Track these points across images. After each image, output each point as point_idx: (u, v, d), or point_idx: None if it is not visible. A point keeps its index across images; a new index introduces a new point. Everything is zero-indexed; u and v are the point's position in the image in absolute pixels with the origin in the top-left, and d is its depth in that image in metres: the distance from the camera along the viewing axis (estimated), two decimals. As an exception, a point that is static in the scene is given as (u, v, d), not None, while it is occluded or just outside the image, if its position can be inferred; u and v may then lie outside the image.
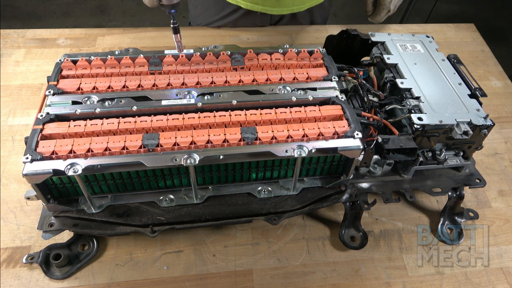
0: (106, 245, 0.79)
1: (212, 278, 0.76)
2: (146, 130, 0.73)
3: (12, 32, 1.20)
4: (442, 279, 0.79)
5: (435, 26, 1.39)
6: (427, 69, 0.89)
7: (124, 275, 0.75)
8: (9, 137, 0.95)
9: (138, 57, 0.85)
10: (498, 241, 0.86)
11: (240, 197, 0.80)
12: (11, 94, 1.04)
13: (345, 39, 0.98)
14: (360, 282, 0.78)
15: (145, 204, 0.77)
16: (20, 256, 0.76)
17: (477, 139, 0.82)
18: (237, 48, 0.89)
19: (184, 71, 0.84)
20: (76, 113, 0.74)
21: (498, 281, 0.80)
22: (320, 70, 0.86)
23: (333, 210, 0.87)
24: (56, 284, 0.74)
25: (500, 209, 0.91)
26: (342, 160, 0.79)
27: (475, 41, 1.34)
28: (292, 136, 0.73)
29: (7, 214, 0.82)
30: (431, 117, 0.77)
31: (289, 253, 0.80)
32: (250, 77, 0.83)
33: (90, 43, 1.19)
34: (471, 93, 0.84)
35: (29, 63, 1.12)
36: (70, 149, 0.68)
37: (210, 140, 0.71)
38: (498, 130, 1.07)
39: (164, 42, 1.21)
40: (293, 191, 0.80)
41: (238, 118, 0.75)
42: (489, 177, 0.95)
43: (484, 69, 1.24)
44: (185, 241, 0.81)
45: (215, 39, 1.23)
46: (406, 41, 0.96)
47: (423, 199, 0.91)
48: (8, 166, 0.89)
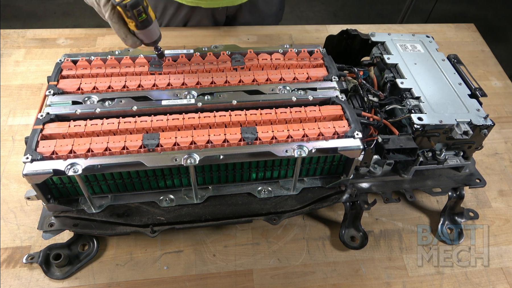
0: (106, 245, 0.79)
1: (212, 278, 0.76)
2: (146, 130, 0.73)
3: (12, 32, 1.20)
4: (442, 279, 0.79)
5: (435, 26, 1.39)
6: (427, 69, 0.89)
7: (124, 275, 0.76)
8: (9, 137, 0.95)
9: (138, 57, 0.85)
10: (498, 241, 0.86)
11: (240, 197, 0.80)
12: (11, 94, 1.04)
13: (345, 39, 0.98)
14: (360, 282, 0.78)
15: (145, 204, 0.77)
16: (20, 256, 0.76)
17: (477, 139, 0.82)
18: (237, 48, 0.89)
19: (184, 71, 0.84)
20: (76, 113, 0.74)
21: (498, 281, 0.80)
22: (320, 70, 0.86)
23: (333, 210, 0.87)
24: (56, 284, 0.74)
25: (500, 209, 0.91)
26: (342, 160, 0.79)
27: (475, 41, 1.34)
28: (292, 136, 0.73)
29: (7, 214, 0.82)
30: (431, 117, 0.77)
31: (289, 253, 0.80)
32: (250, 77, 0.83)
33: (90, 43, 1.19)
34: (471, 93, 0.84)
35: (29, 63, 1.12)
36: (70, 149, 0.68)
37: (210, 140, 0.71)
38: (498, 130, 1.07)
39: (164, 42, 1.19)
40: (293, 191, 0.80)
41: (238, 118, 0.75)
42: (489, 177, 0.95)
43: (484, 69, 1.24)
44: (185, 241, 0.81)
45: (215, 39, 1.23)
46: (406, 41, 0.96)
47: (423, 199, 0.91)
48: (8, 166, 0.89)
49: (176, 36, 1.23)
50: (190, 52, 0.87)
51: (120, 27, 0.71)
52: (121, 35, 0.73)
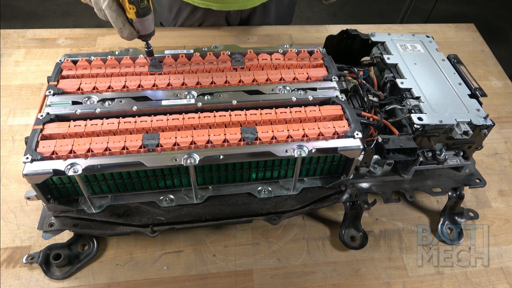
0: (106, 245, 0.79)
1: (212, 278, 0.76)
2: (146, 130, 0.73)
3: (12, 32, 1.20)
4: (442, 279, 0.79)
5: (435, 26, 1.39)
6: (427, 69, 0.89)
7: (124, 275, 0.76)
8: (9, 137, 0.95)
9: (138, 57, 0.85)
10: (498, 241, 0.86)
11: (240, 197, 0.80)
12: (11, 94, 1.04)
13: (345, 39, 0.98)
14: (360, 282, 0.78)
15: (145, 204, 0.77)
16: (20, 256, 0.76)
17: (477, 139, 0.82)
18: (237, 48, 0.89)
19: (184, 71, 0.84)
20: (76, 113, 0.74)
21: (498, 281, 0.80)
22: (320, 70, 0.86)
23: (333, 210, 0.88)
24: (56, 284, 0.74)
25: (500, 209, 0.91)
26: (342, 160, 0.79)
27: (475, 41, 1.34)
28: (292, 136, 0.73)
29: (7, 214, 0.82)
30: (431, 117, 0.77)
31: (289, 253, 0.80)
32: (250, 77, 0.83)
33: (90, 43, 1.19)
34: (471, 93, 0.84)
35: (29, 63, 1.12)
36: (70, 149, 0.68)
37: (210, 140, 0.71)
38: (498, 130, 1.07)
39: (164, 42, 1.21)
40: (293, 191, 0.80)
41: (238, 118, 0.75)
42: (489, 177, 0.95)
43: (484, 69, 1.24)
44: (185, 241, 0.81)
45: (215, 39, 1.23)
46: (406, 41, 0.96)
47: (423, 199, 0.91)
48: (8, 166, 0.89)
49: (176, 36, 1.23)
50: (190, 52, 0.87)
51: (118, 16, 0.70)
52: (119, 25, 0.71)
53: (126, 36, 0.73)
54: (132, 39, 0.74)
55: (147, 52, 0.81)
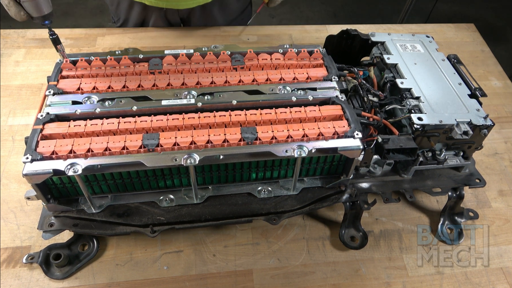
0: (106, 245, 0.79)
1: (212, 278, 0.76)
2: (146, 130, 0.73)
3: (12, 32, 1.20)
4: (442, 279, 0.79)
5: (435, 26, 1.39)
6: (427, 69, 0.89)
7: (124, 275, 0.76)
8: (9, 137, 0.95)
9: (138, 57, 0.85)
10: (498, 241, 0.86)
11: (240, 197, 0.80)
12: (11, 94, 1.04)
13: (345, 39, 0.98)
14: (360, 282, 0.78)
15: (145, 204, 0.77)
16: (20, 256, 0.76)
17: (477, 139, 0.82)
18: (237, 48, 0.89)
19: (184, 71, 0.84)
20: (76, 113, 0.74)
21: (498, 281, 0.80)
22: (320, 70, 0.86)
23: (333, 210, 0.88)
24: (56, 284, 0.74)
25: (500, 209, 0.91)
26: (342, 160, 0.79)
27: (475, 41, 1.34)
28: (292, 136, 0.73)
29: (7, 214, 0.82)
30: (431, 117, 0.77)
31: (289, 253, 0.80)
32: (250, 77, 0.83)
33: (90, 43, 1.19)
34: (471, 93, 0.84)
35: (29, 63, 1.12)
36: (70, 149, 0.68)
37: (210, 140, 0.71)
38: (498, 130, 1.07)
39: (164, 42, 1.21)
40: (293, 191, 0.80)
41: (238, 118, 0.75)
42: (489, 177, 0.95)
43: (484, 69, 1.24)
44: (185, 241, 0.81)
45: (215, 39, 1.23)
46: (406, 41, 0.96)
47: (423, 199, 0.91)
48: (8, 166, 0.89)
49: (176, 36, 1.23)
50: (190, 52, 0.87)
51: None
52: (4, 2, 0.66)
53: (14, 16, 0.68)
54: (23, 19, 0.69)
55: (52, 40, 0.74)
